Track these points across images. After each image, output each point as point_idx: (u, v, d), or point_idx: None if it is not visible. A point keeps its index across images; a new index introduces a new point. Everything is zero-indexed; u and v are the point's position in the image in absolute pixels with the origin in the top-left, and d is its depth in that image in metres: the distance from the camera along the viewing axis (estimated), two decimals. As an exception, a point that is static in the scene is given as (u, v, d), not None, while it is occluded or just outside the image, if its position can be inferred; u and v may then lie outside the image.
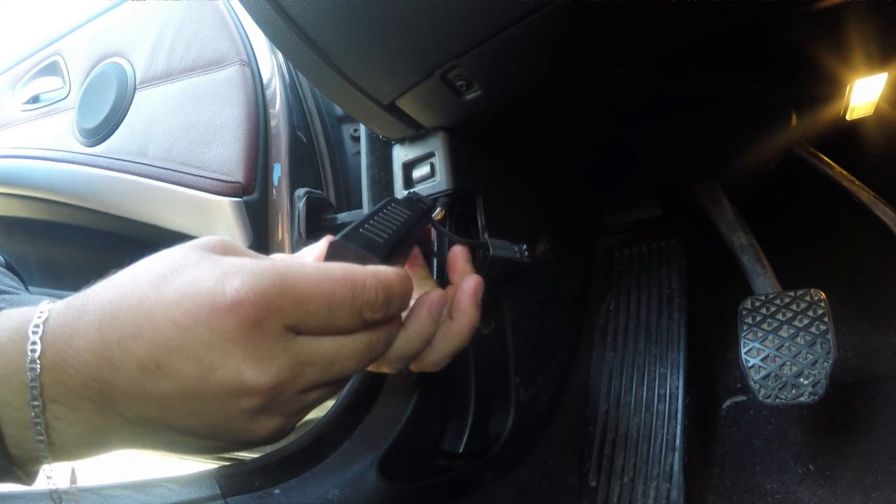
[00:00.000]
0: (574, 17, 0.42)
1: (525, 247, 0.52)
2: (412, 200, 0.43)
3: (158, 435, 0.27)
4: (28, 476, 0.27)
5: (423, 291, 0.42)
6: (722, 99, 0.78)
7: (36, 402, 0.25)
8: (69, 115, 1.01)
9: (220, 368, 0.25)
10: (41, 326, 0.25)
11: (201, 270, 0.26)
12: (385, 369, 0.35)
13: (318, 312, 0.27)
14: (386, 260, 0.32)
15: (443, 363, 0.37)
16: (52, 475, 0.27)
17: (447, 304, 0.38)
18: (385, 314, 0.29)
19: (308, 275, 0.27)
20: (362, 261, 0.30)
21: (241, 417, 0.26)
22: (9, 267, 0.52)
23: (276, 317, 0.26)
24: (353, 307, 0.27)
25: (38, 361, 0.25)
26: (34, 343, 0.25)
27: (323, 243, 0.37)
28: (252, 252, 0.31)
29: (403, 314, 0.34)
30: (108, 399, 0.25)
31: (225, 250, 0.29)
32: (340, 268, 0.28)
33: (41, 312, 0.26)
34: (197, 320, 0.25)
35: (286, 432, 0.29)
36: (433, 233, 0.48)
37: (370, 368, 0.36)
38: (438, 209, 0.53)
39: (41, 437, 0.25)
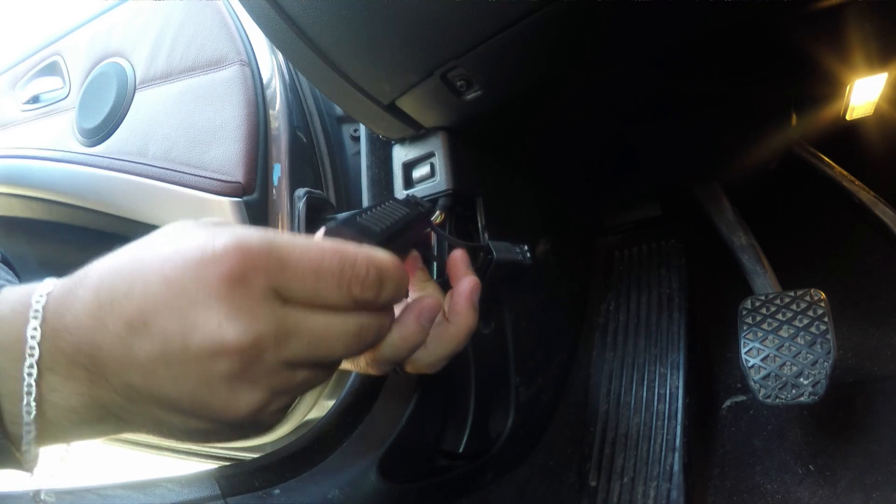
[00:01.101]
0: (574, 17, 0.42)
1: (527, 247, 0.51)
2: (411, 202, 0.43)
3: (145, 409, 0.27)
4: (28, 461, 0.26)
5: (423, 294, 0.42)
6: (722, 99, 0.78)
7: (32, 370, 0.25)
8: (69, 115, 1.01)
9: (202, 326, 0.25)
10: (44, 297, 0.26)
11: (193, 232, 0.27)
12: (371, 371, 0.35)
13: (306, 279, 0.26)
14: (381, 247, 0.32)
15: (439, 365, 0.37)
16: (37, 473, 0.27)
17: (443, 308, 0.37)
18: (376, 295, 0.28)
19: (298, 243, 0.27)
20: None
21: (221, 384, 0.26)
22: (4, 261, 0.52)
23: (260, 274, 0.25)
24: (342, 279, 0.27)
25: (39, 329, 0.25)
26: (37, 311, 0.25)
27: (319, 232, 0.37)
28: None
29: (398, 311, 0.33)
30: (98, 365, 0.25)
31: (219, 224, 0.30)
32: (331, 242, 0.28)
33: (47, 284, 0.26)
34: (185, 274, 0.25)
35: (270, 415, 0.28)
36: (433, 236, 0.48)
37: (358, 370, 0.35)
38: (438, 212, 0.53)
39: (29, 409, 0.25)
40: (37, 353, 0.25)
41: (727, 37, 0.58)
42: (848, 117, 0.83)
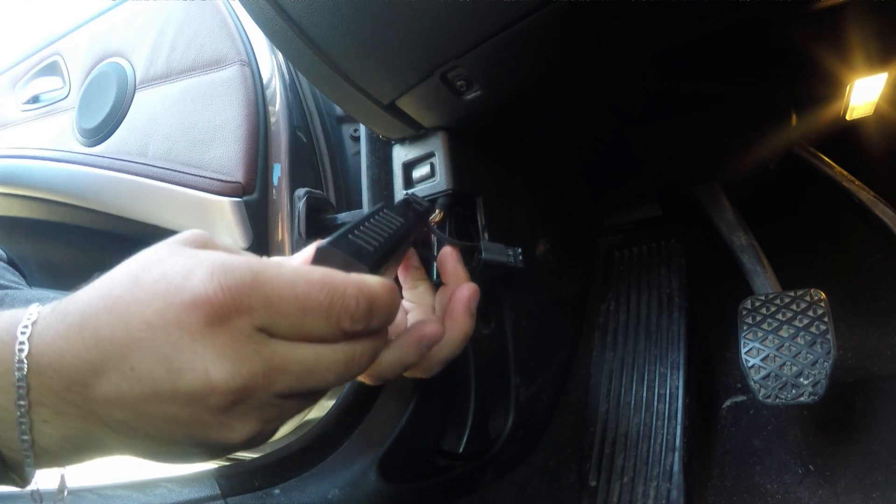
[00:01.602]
0: (574, 17, 0.42)
1: (520, 251, 0.51)
2: (408, 204, 0.43)
3: (141, 443, 0.26)
4: (23, 479, 0.26)
5: (417, 293, 0.42)
6: (722, 99, 0.78)
7: (22, 402, 0.24)
8: (69, 115, 1.01)
9: (188, 371, 0.24)
10: (29, 327, 0.25)
11: (170, 266, 0.26)
12: (366, 381, 0.35)
13: (291, 316, 0.26)
14: (375, 269, 0.31)
15: (435, 370, 0.37)
16: (37, 477, 0.27)
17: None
18: (367, 326, 0.28)
19: (283, 275, 0.26)
20: (349, 268, 0.29)
21: (214, 421, 0.25)
22: (10, 262, 0.52)
23: (243, 315, 0.25)
24: (331, 314, 0.26)
25: (26, 361, 0.25)
26: (22, 343, 0.25)
27: (310, 249, 0.35)
28: (230, 247, 0.30)
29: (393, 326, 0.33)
30: (89, 404, 0.25)
31: (201, 244, 0.28)
32: (320, 272, 0.27)
33: (30, 314, 0.26)
34: (166, 319, 0.24)
35: (265, 438, 0.28)
36: (433, 235, 0.47)
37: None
38: (437, 211, 0.53)
39: (25, 438, 0.25)
40: (25, 385, 0.25)
41: (727, 37, 0.58)
42: (848, 117, 0.83)
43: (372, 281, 0.28)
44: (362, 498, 0.55)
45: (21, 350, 0.25)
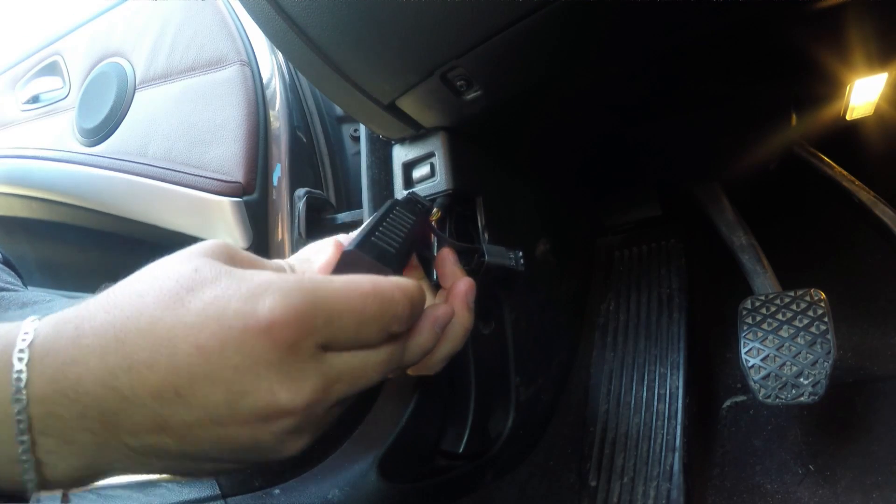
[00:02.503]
0: (574, 17, 0.42)
1: (521, 254, 0.51)
2: (412, 202, 0.43)
3: (168, 462, 0.26)
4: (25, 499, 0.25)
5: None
6: (722, 99, 0.78)
7: (23, 438, 0.22)
8: (69, 115, 1.01)
9: (251, 393, 0.24)
10: (26, 352, 0.23)
11: (224, 289, 0.25)
12: (389, 374, 0.35)
13: (349, 329, 0.26)
14: (398, 271, 0.32)
15: (438, 367, 0.37)
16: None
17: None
18: (409, 325, 0.29)
19: (338, 290, 0.26)
20: (374, 271, 0.30)
21: (271, 440, 0.25)
22: (7, 263, 0.52)
23: (310, 337, 0.25)
24: (383, 322, 0.27)
25: (25, 392, 0.22)
26: (20, 371, 0.22)
27: (331, 249, 0.36)
28: (266, 261, 0.30)
29: None
30: (112, 429, 0.23)
31: (233, 259, 0.28)
32: (368, 282, 0.27)
33: (25, 334, 0.23)
34: (225, 344, 0.23)
35: (308, 445, 0.28)
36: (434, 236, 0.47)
37: None
38: (435, 210, 0.53)
39: (30, 477, 0.23)
40: (25, 419, 0.22)
41: (727, 36, 0.58)
42: (848, 117, 0.83)
43: (410, 284, 0.29)
44: (362, 498, 0.55)
45: (19, 380, 0.22)
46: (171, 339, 0.23)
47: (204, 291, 0.24)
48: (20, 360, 0.23)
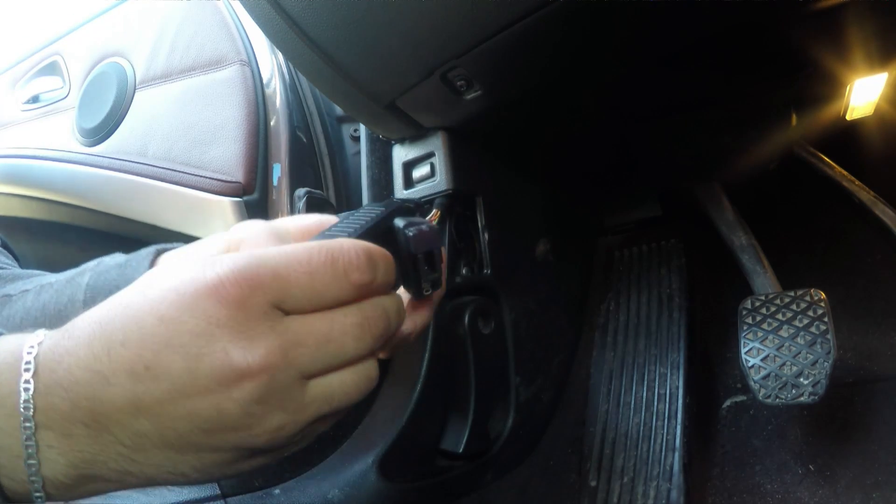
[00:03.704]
0: (574, 17, 0.42)
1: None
2: (394, 203, 0.42)
3: (154, 456, 0.26)
4: None
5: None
6: (722, 99, 0.78)
7: (28, 424, 0.24)
8: (69, 115, 1.01)
9: (207, 355, 0.24)
10: (36, 347, 0.25)
11: (180, 266, 0.26)
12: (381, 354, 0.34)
13: (301, 282, 0.26)
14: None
15: (415, 338, 0.37)
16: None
17: None
18: (373, 277, 0.28)
19: (285, 249, 0.27)
20: None
21: (237, 412, 0.25)
22: (3, 245, 0.53)
23: (258, 293, 0.25)
24: (336, 270, 0.27)
25: (32, 381, 0.24)
26: (28, 363, 0.24)
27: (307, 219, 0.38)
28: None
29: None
30: (100, 419, 0.24)
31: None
32: (315, 241, 0.28)
33: (38, 335, 0.26)
34: (181, 310, 0.25)
35: (292, 435, 0.27)
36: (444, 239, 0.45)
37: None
38: (434, 210, 0.52)
39: (32, 462, 0.24)
40: (31, 405, 0.24)
41: (728, 37, 0.58)
42: (848, 117, 0.83)
43: (359, 240, 0.29)
44: (362, 498, 0.55)
45: (27, 370, 0.24)
46: (139, 315, 0.25)
47: (166, 272, 0.26)
48: (29, 353, 0.25)
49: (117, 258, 0.45)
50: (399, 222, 0.37)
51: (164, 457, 0.26)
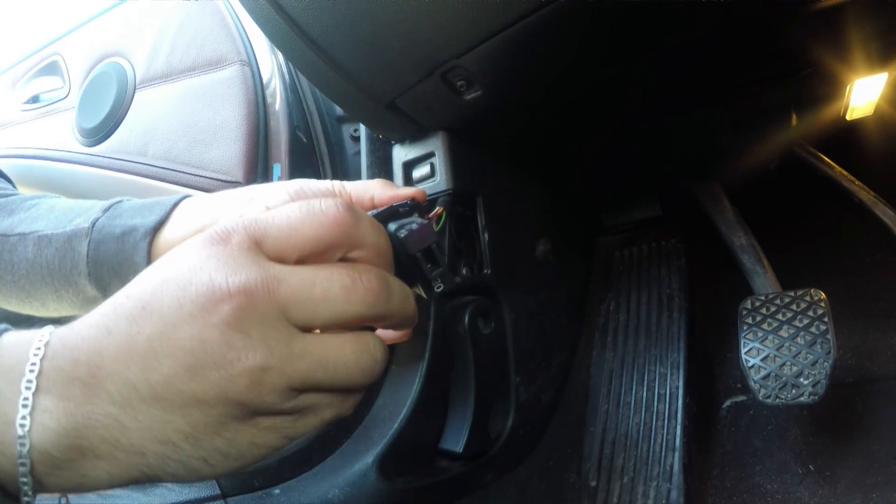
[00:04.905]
0: (574, 17, 0.42)
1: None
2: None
3: (142, 418, 0.26)
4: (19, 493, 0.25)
5: None
6: (722, 99, 0.78)
7: (30, 382, 0.25)
8: (69, 115, 1.01)
9: (193, 284, 0.27)
10: (54, 332, 0.27)
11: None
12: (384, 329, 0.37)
13: (279, 220, 0.29)
14: None
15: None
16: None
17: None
18: (353, 218, 0.30)
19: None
20: None
21: (218, 339, 0.26)
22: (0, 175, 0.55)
23: (240, 229, 0.28)
24: (312, 210, 0.30)
25: (43, 349, 0.26)
26: (43, 336, 0.26)
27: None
28: None
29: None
30: (96, 373, 0.25)
31: None
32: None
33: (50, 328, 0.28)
34: (181, 256, 0.28)
35: (280, 390, 0.27)
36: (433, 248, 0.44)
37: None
38: (438, 208, 0.53)
39: (24, 422, 0.24)
40: (38, 367, 0.25)
41: (728, 36, 0.58)
42: (848, 117, 0.83)
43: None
44: (362, 498, 0.55)
45: (41, 339, 0.26)
46: (143, 274, 0.28)
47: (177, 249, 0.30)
48: (50, 333, 0.27)
49: (134, 203, 0.48)
50: (391, 227, 0.37)
51: (150, 417, 0.26)
